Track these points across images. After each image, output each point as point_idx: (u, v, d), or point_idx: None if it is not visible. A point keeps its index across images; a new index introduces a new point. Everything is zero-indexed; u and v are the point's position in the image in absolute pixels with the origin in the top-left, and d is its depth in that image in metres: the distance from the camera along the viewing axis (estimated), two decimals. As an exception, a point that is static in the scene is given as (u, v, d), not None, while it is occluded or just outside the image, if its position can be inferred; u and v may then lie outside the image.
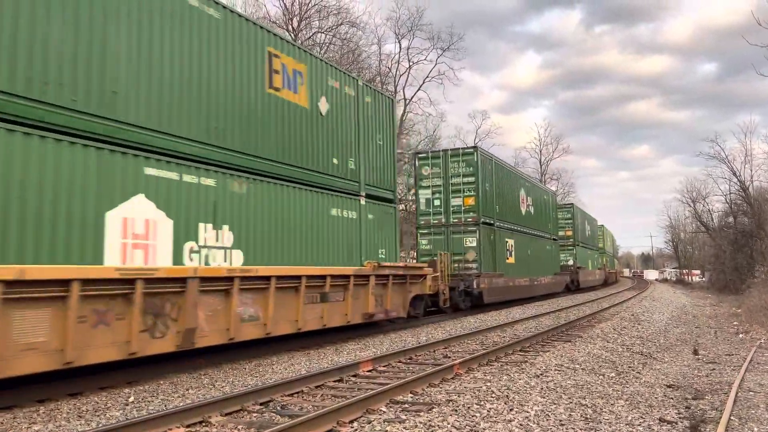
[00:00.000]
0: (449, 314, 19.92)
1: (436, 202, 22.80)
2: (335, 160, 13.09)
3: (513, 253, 25.96)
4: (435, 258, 18.99)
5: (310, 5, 35.15)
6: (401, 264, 15.50)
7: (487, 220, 22.93)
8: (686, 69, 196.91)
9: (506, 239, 25.12)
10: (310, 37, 35.50)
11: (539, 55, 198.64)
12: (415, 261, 22.14)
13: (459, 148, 23.73)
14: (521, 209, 27.89)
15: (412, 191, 28.74)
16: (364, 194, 14.08)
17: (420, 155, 24.19)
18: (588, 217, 48.74)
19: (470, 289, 21.04)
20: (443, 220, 22.62)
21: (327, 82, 13.02)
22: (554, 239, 33.72)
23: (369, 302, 13.46)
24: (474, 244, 22.03)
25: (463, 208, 22.38)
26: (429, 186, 22.99)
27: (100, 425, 6.00)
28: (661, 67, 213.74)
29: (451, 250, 21.92)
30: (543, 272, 30.63)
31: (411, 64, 44.54)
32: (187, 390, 7.87)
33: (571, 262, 39.01)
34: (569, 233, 40.96)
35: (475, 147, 23.54)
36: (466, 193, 22.43)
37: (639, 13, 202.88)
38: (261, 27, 11.25)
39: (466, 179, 22.50)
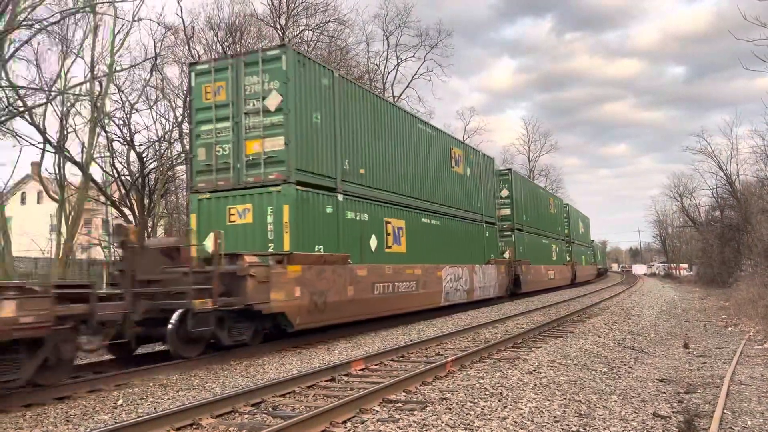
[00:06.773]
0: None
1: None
2: None
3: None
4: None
5: (297, 2, 34.92)
6: None
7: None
8: (656, 72, 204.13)
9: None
10: (297, 35, 35.27)
11: (514, 60, 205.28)
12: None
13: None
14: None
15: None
16: None
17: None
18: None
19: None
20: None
21: None
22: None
23: None
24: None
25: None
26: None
27: (88, 430, 5.90)
28: (633, 71, 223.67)
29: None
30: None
31: (399, 61, 44.44)
32: (177, 392, 7.77)
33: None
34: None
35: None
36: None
37: (606, 21, 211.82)
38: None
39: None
